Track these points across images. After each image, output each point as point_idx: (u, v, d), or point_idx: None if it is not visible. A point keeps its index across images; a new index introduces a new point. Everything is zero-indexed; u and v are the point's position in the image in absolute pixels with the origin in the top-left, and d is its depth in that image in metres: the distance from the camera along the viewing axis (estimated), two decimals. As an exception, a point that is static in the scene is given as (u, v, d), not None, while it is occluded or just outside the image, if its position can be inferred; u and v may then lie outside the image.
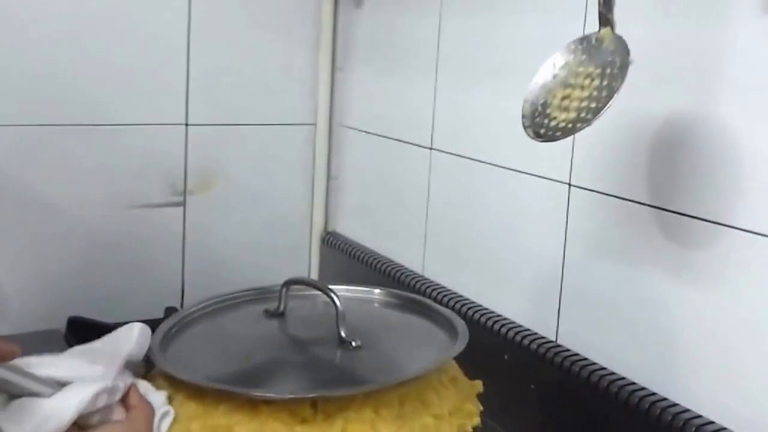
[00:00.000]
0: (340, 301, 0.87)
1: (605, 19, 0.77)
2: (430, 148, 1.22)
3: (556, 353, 0.95)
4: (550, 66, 0.80)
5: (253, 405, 0.77)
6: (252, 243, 1.46)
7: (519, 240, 1.05)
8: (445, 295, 1.14)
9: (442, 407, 0.80)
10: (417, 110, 1.25)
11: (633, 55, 0.74)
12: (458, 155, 1.16)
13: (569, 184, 0.98)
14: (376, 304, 0.98)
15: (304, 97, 1.47)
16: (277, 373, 0.85)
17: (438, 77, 1.20)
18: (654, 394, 0.85)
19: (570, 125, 0.75)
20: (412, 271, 1.25)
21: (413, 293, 1.08)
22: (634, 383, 0.87)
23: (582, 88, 0.77)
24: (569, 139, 0.89)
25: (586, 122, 0.74)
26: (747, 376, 0.77)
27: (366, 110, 1.40)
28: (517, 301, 1.04)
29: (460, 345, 0.84)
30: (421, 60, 1.23)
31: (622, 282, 0.91)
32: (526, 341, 0.98)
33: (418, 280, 1.21)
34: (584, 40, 0.79)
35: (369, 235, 1.40)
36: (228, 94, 1.41)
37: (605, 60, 0.76)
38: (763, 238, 0.76)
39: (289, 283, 0.95)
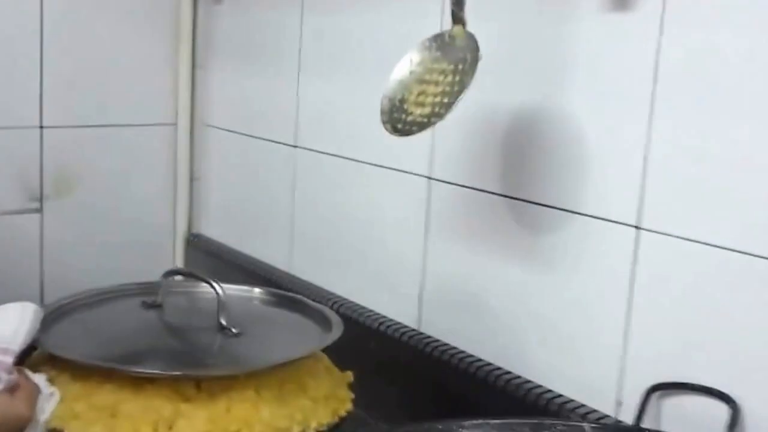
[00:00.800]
0: (222, 289, 0.90)
1: (457, 17, 0.81)
2: (294, 146, 1.25)
3: (419, 340, 0.99)
4: (407, 62, 0.84)
5: (138, 384, 0.79)
6: (113, 249, 1.44)
7: (382, 234, 1.08)
8: (312, 292, 1.16)
9: (318, 391, 0.84)
10: (280, 108, 1.27)
11: (483, 51, 0.78)
12: (322, 152, 1.19)
13: (429, 178, 1.02)
14: (255, 302, 1.02)
15: (164, 96, 1.46)
16: (159, 356, 0.88)
17: (300, 74, 1.22)
18: (501, 368, 0.91)
19: (425, 120, 0.79)
20: (279, 270, 1.27)
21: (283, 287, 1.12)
22: (489, 363, 0.92)
23: (436, 83, 0.81)
24: (429, 133, 0.95)
25: (439, 117, 0.78)
26: (582, 351, 0.84)
27: (229, 108, 1.41)
28: (381, 294, 1.08)
29: (336, 333, 0.89)
30: (284, 56, 1.25)
31: (478, 270, 0.95)
32: (390, 331, 1.02)
33: (287, 279, 1.23)
34: (438, 37, 0.83)
35: (235, 236, 1.40)
36: (84, 94, 1.39)
37: (458, 56, 0.81)
38: (605, 222, 0.82)
39: (169, 274, 0.99)
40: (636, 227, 0.79)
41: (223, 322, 0.90)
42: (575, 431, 0.74)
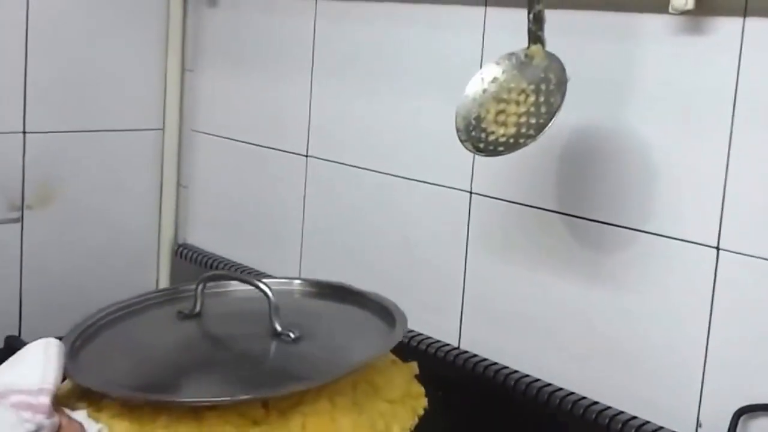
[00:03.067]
0: (271, 291, 0.84)
1: (535, 36, 0.82)
2: (306, 155, 1.23)
3: (458, 356, 0.99)
4: (479, 80, 0.84)
5: (197, 412, 0.74)
6: (97, 260, 1.40)
7: (416, 249, 1.08)
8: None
9: (392, 391, 0.80)
10: (289, 115, 1.25)
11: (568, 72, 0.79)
12: (342, 164, 1.18)
13: (470, 192, 1.02)
14: (297, 295, 0.96)
15: (152, 101, 1.42)
16: (212, 375, 0.81)
17: (314, 80, 1.21)
18: (561, 389, 0.92)
19: (512, 140, 0.80)
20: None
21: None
22: (539, 380, 0.93)
23: (517, 103, 0.81)
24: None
25: (530, 138, 0.79)
26: (659, 369, 0.86)
27: (220, 114, 1.38)
28: (417, 311, 1.08)
29: (401, 325, 0.84)
30: (291, 62, 1.23)
31: (527, 287, 0.97)
32: (431, 349, 1.02)
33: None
34: (512, 56, 0.83)
35: (227, 246, 1.38)
36: (69, 98, 1.34)
37: (537, 76, 0.81)
38: (672, 240, 0.85)
39: (205, 280, 0.91)
40: (716, 248, 0.81)
41: (279, 327, 0.83)
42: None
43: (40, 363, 0.74)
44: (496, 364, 0.97)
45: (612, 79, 0.88)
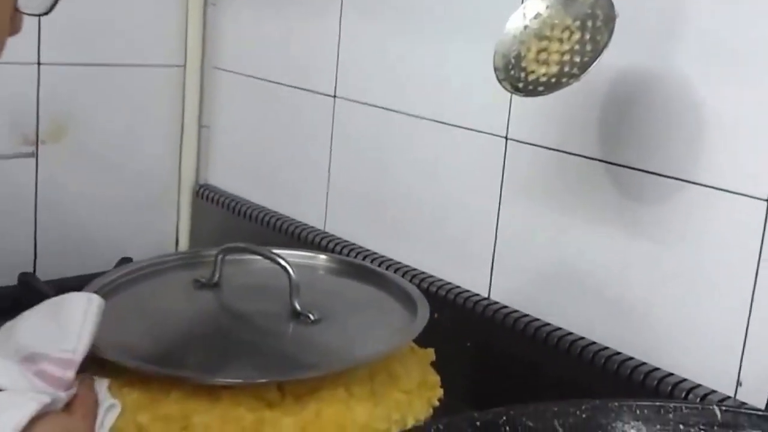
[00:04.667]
0: (293, 270, 0.84)
1: (583, -31, 0.78)
2: (334, 96, 1.20)
3: (488, 307, 0.97)
4: (520, 16, 0.81)
5: (210, 391, 0.73)
6: (114, 198, 1.38)
7: (447, 197, 1.06)
8: (358, 253, 1.13)
9: (410, 381, 0.80)
10: (316, 53, 1.22)
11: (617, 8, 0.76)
12: (370, 105, 1.15)
13: (506, 138, 1.00)
14: (321, 271, 0.96)
15: (172, 35, 1.39)
16: (230, 354, 0.80)
17: (343, 17, 1.18)
18: (593, 343, 0.90)
19: (554, 80, 0.77)
20: (312, 227, 1.23)
21: (317, 250, 1.08)
22: (572, 333, 0.91)
23: (560, 41, 0.78)
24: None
25: (573, 77, 0.76)
26: (702, 329, 0.83)
27: (247, 51, 1.36)
28: (447, 260, 1.06)
29: (423, 315, 0.84)
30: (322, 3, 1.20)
31: (563, 238, 0.94)
32: (459, 299, 1.00)
33: (323, 237, 1.19)
34: (556, -10, 0.80)
35: (251, 188, 1.36)
36: (86, 30, 1.31)
37: (583, 12, 0.78)
38: (719, 192, 0.82)
39: (226, 251, 0.90)
40: (767, 200, 0.78)
41: (298, 307, 0.83)
42: (705, 415, 0.74)
43: (77, 325, 0.70)
44: (527, 316, 0.95)
45: (661, 18, 0.85)
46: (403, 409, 0.77)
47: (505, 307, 0.97)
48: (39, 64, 1.29)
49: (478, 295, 1.01)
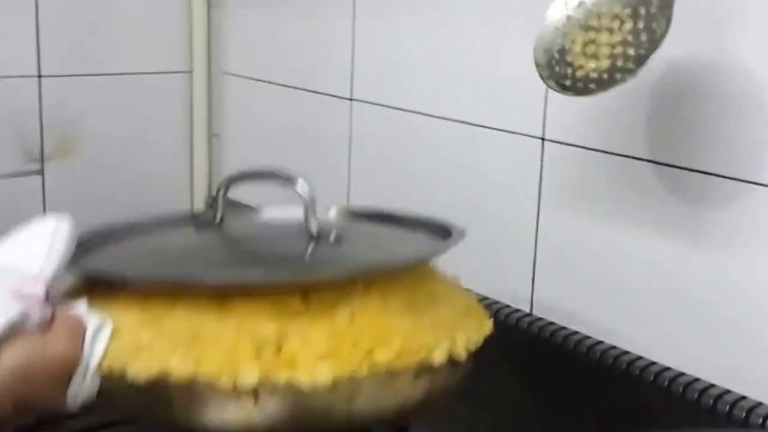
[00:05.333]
0: (307, 186, 0.72)
1: (632, -50, 0.69)
2: (350, 99, 1.11)
3: (532, 324, 0.88)
4: (561, 5, 0.72)
5: (222, 302, 0.62)
6: (124, 214, 1.29)
7: (480, 205, 0.97)
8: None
9: (456, 303, 0.70)
10: (330, 54, 1.13)
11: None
12: (391, 107, 1.06)
13: (543, 138, 0.90)
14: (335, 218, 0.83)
15: (176, 40, 1.31)
16: (242, 266, 0.70)
17: (357, 12, 1.09)
18: (640, 358, 0.80)
19: (606, 75, 0.67)
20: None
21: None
22: (619, 348, 0.82)
23: (610, 31, 0.69)
24: (540, 88, 0.82)
25: (629, 72, 0.66)
26: (764, 340, 0.74)
27: (256, 55, 1.27)
28: (484, 274, 0.96)
29: (458, 234, 0.72)
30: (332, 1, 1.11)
31: (610, 246, 0.85)
32: (500, 315, 0.91)
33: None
34: (602, -27, 0.71)
35: (266, 199, 1.27)
36: (87, 38, 1.23)
37: (634, -2, 0.69)
38: (789, 193, 0.73)
39: (228, 182, 0.77)
40: None
41: (314, 230, 0.71)
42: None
43: (45, 246, 0.63)
44: (576, 333, 0.85)
45: (719, 4, 0.75)
46: (449, 325, 0.66)
47: (551, 323, 0.88)
48: (40, 76, 1.21)
49: (519, 310, 0.91)
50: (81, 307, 0.63)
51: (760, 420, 0.71)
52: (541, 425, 0.85)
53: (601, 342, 0.83)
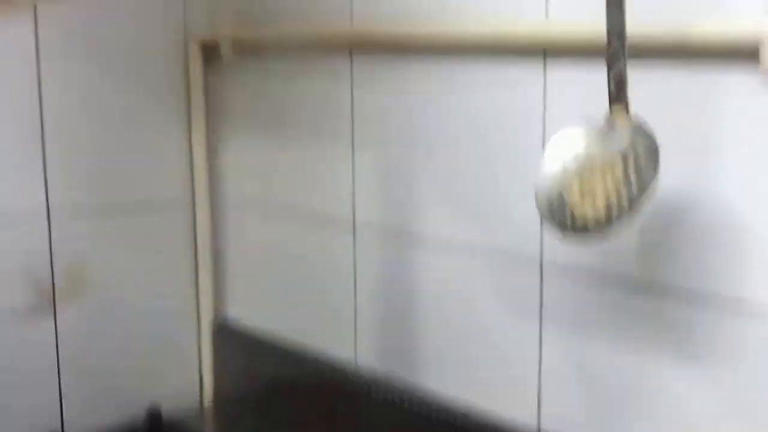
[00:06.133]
0: None
1: (617, 98, 0.74)
2: (353, 222, 1.15)
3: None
4: (556, 154, 0.76)
5: None
6: (136, 346, 1.32)
7: (484, 327, 1.00)
8: (394, 388, 1.06)
9: None
10: (330, 182, 1.17)
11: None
12: (395, 231, 1.09)
13: (541, 262, 0.94)
14: None
15: (179, 173, 1.34)
16: None
17: (355, 148, 1.13)
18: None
19: (603, 217, 0.71)
20: (344, 360, 1.16)
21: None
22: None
23: (603, 176, 0.73)
24: (534, 209, 0.86)
25: (624, 214, 0.70)
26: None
27: (255, 180, 1.30)
28: (489, 397, 0.99)
29: None
30: (332, 126, 1.15)
31: (612, 368, 0.88)
32: (508, 434, 0.94)
33: (353, 372, 1.13)
34: (591, 123, 0.75)
35: (272, 321, 1.29)
36: (93, 178, 1.27)
37: (622, 144, 0.73)
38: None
39: None
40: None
41: None
42: None
43: None
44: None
45: (698, 142, 0.80)
46: None
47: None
48: (49, 215, 1.23)
49: (526, 425, 0.94)
50: None
51: None
52: None
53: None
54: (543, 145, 0.90)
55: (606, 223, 0.71)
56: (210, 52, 1.29)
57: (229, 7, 1.27)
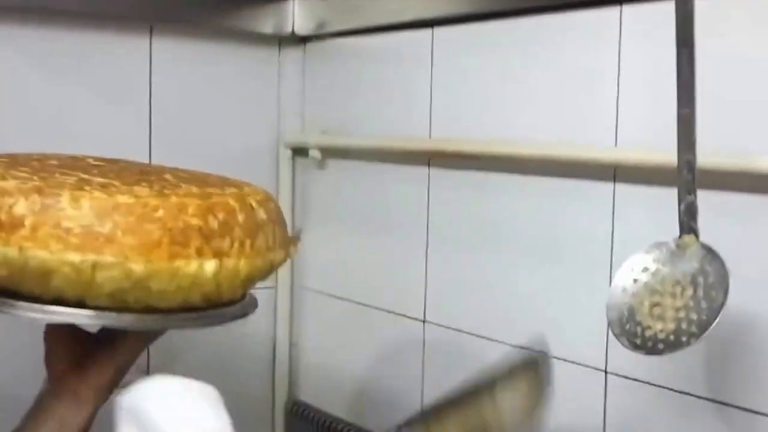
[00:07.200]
0: None
1: (688, 227, 0.77)
2: (423, 321, 1.19)
3: None
4: (628, 269, 0.79)
5: None
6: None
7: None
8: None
9: None
10: (404, 278, 1.21)
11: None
12: (462, 332, 1.13)
13: (605, 372, 0.96)
14: None
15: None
16: None
17: (430, 240, 1.17)
18: None
19: (672, 337, 0.74)
20: (409, 448, 1.19)
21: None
22: None
23: (673, 296, 0.76)
24: (601, 320, 0.89)
25: (693, 336, 0.73)
26: None
27: (334, 272, 1.35)
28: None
29: None
30: (407, 225, 1.20)
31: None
32: None
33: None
34: (662, 245, 0.78)
35: (342, 407, 1.32)
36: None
37: (692, 268, 0.76)
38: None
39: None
40: None
41: None
42: None
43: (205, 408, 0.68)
44: None
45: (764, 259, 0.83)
46: None
47: None
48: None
49: None
50: None
51: None
52: None
53: None
54: (611, 261, 0.94)
55: (675, 343, 0.74)
56: (299, 154, 1.36)
57: (319, 115, 1.35)
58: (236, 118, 1.33)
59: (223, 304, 0.76)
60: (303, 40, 1.36)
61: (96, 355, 0.81)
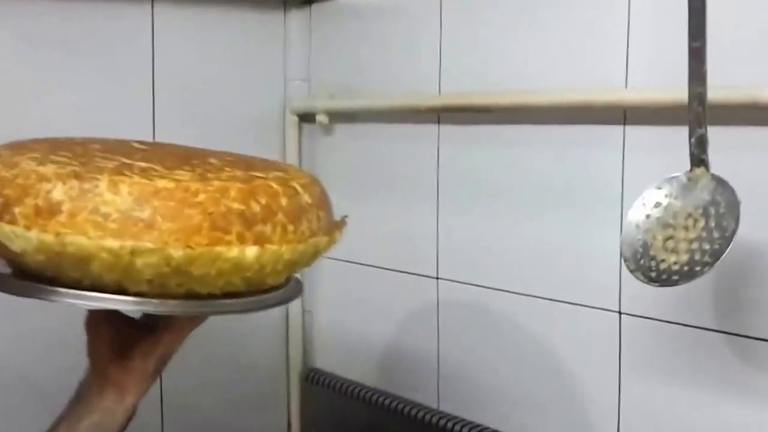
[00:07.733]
0: None
1: (698, 159, 0.76)
2: (437, 278, 1.18)
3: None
4: (640, 205, 0.79)
5: None
6: (225, 394, 1.34)
7: (563, 376, 1.01)
8: (472, 428, 1.08)
9: None
10: (416, 237, 1.20)
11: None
12: (475, 285, 1.12)
13: (620, 312, 0.95)
14: None
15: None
16: None
17: (440, 203, 1.16)
18: None
19: (686, 268, 0.73)
20: (426, 406, 1.18)
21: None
22: None
23: (686, 228, 0.75)
24: (615, 263, 0.88)
25: (707, 265, 0.72)
26: None
27: (346, 238, 1.34)
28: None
29: None
30: (417, 185, 1.19)
31: (693, 414, 0.88)
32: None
33: (434, 415, 1.14)
34: (673, 179, 0.78)
35: (359, 371, 1.32)
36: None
37: (703, 199, 0.75)
38: None
39: None
40: None
41: None
42: None
43: None
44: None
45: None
46: None
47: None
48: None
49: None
50: None
51: None
52: None
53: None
54: (622, 203, 0.93)
55: (690, 273, 0.73)
56: (305, 120, 1.35)
57: (326, 79, 1.34)
58: (241, 84, 1.32)
59: (267, 289, 0.75)
60: (308, 1, 1.34)
61: (138, 344, 0.79)
